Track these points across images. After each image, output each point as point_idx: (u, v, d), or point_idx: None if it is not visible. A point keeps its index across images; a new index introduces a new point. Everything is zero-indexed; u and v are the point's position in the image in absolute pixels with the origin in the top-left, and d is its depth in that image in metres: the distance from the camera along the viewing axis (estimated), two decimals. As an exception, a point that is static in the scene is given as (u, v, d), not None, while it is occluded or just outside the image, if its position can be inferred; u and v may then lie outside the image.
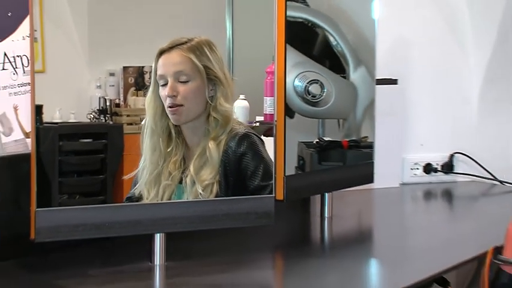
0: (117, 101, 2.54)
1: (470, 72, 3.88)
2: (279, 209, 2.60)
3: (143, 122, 2.49)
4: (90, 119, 2.51)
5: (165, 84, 2.45)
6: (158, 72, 2.46)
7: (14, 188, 2.34)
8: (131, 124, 2.53)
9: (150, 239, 2.39)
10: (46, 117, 2.35)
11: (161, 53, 2.46)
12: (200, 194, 2.49)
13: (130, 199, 2.48)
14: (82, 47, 2.54)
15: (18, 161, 2.34)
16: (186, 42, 2.47)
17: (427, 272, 2.45)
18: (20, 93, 2.47)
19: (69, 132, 2.46)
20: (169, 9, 2.60)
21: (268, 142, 2.65)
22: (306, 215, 3.15)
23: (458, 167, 3.89)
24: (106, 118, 2.53)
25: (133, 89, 2.54)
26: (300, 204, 3.12)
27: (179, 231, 2.44)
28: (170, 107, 2.46)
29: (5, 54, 2.44)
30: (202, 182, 2.49)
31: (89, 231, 2.31)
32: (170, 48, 2.46)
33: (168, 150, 2.51)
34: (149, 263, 2.39)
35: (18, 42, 2.45)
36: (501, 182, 3.80)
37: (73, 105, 2.48)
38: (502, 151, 3.83)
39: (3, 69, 2.45)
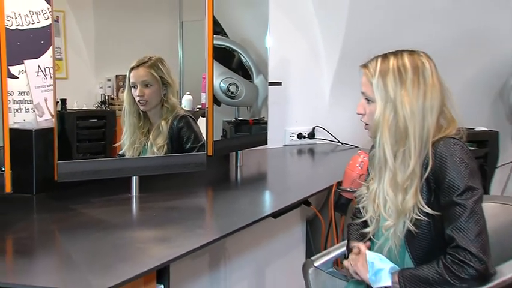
0: (112, 96, 2.52)
1: (323, 78, 3.87)
2: (209, 161, 2.63)
3: (123, 109, 2.50)
4: (95, 107, 2.51)
5: (135, 87, 2.47)
6: (131, 80, 2.47)
7: (45, 149, 2.34)
8: (120, 110, 2.51)
9: (129, 179, 2.42)
10: (68, 106, 2.38)
11: (132, 69, 2.47)
12: (155, 152, 2.52)
13: (120, 155, 2.50)
14: (90, 63, 2.51)
15: (47, 132, 2.34)
16: (147, 61, 2.48)
17: (298, 197, 2.51)
18: (48, 90, 2.46)
19: (82, 115, 2.47)
20: (143, 38, 2.61)
21: (203, 121, 2.70)
22: (226, 164, 3.15)
23: (318, 135, 3.88)
24: (105, 107, 2.52)
25: (122, 89, 2.51)
26: (223, 158, 3.11)
27: (146, 174, 2.46)
28: (139, 101, 2.48)
29: (39, 66, 2.44)
30: (157, 145, 2.52)
31: (92, 174, 2.34)
32: (138, 65, 2.47)
33: (139, 125, 2.52)
34: (128, 194, 2.42)
35: (47, 59, 2.44)
36: (342, 143, 3.82)
37: (84, 99, 2.47)
38: (343, 126, 3.78)
39: (38, 75, 2.45)
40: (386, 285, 1.76)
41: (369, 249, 1.91)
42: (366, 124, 1.87)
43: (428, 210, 1.72)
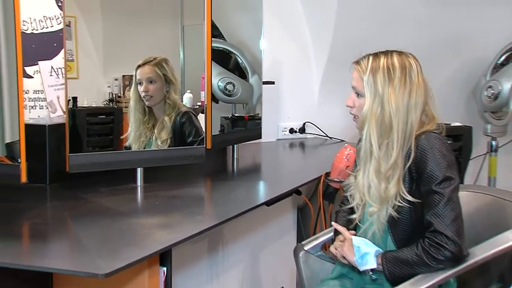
0: (119, 94, 2.51)
1: (313, 77, 3.88)
2: (208, 154, 2.63)
3: (129, 105, 2.49)
4: (104, 104, 2.49)
5: (141, 84, 2.47)
6: (138, 77, 2.47)
7: (58, 142, 2.34)
8: (126, 108, 2.50)
9: (134, 170, 2.42)
10: (79, 104, 2.39)
11: (138, 66, 2.46)
12: (159, 145, 2.51)
13: (126, 148, 2.49)
14: (98, 64, 2.49)
15: (59, 127, 2.34)
16: (153, 60, 2.48)
17: (289, 187, 2.52)
18: (60, 89, 2.45)
19: (92, 112, 2.46)
20: (147, 41, 2.60)
21: (202, 117, 2.70)
22: (224, 157, 3.14)
23: (308, 130, 3.89)
24: (113, 104, 2.51)
25: (128, 87, 2.50)
26: (220, 151, 3.11)
27: (150, 166, 2.46)
28: (144, 97, 2.48)
29: (52, 67, 2.43)
30: (161, 138, 2.51)
31: (101, 166, 2.35)
32: (144, 64, 2.47)
33: (144, 120, 2.51)
34: (134, 184, 2.42)
35: (59, 60, 2.44)
36: (330, 137, 3.82)
37: (94, 97, 2.46)
38: (331, 121, 3.79)
39: (51, 75, 2.44)
40: (371, 267, 1.77)
41: (355, 234, 1.93)
42: (355, 116, 1.88)
43: (410, 198, 1.74)
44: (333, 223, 2.02)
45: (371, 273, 1.79)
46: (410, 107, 1.76)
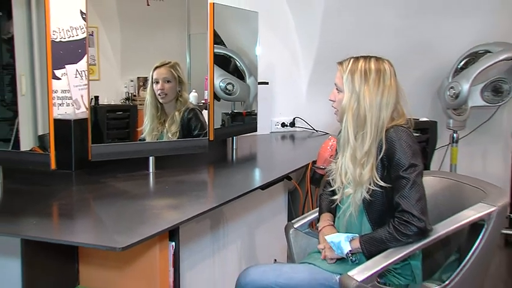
0: (134, 94, 2.49)
1: (301, 79, 3.85)
2: (211, 145, 2.63)
3: (145, 102, 2.48)
4: (121, 102, 2.47)
5: (157, 83, 2.46)
6: (155, 77, 2.46)
7: (81, 135, 2.34)
8: (141, 105, 2.49)
9: (147, 159, 2.42)
10: (100, 102, 2.38)
11: (156, 68, 2.46)
12: (170, 137, 2.51)
13: (141, 140, 2.48)
14: (117, 67, 2.47)
15: (82, 121, 2.34)
16: (168, 63, 2.48)
17: (281, 173, 2.51)
18: (83, 89, 2.46)
19: (111, 109, 2.44)
20: (158, 47, 2.59)
21: (205, 113, 2.71)
22: (224, 148, 3.11)
23: (297, 124, 3.85)
24: (129, 102, 2.49)
25: (142, 87, 2.49)
26: (221, 142, 3.09)
27: (160, 155, 2.46)
28: (159, 94, 2.47)
29: (77, 70, 2.45)
30: (171, 131, 2.51)
31: (118, 155, 2.35)
32: (161, 65, 2.47)
33: (157, 115, 2.50)
34: (146, 171, 2.42)
35: (83, 64, 2.45)
36: (316, 130, 3.78)
37: (113, 96, 2.44)
38: (317, 117, 3.75)
39: (76, 77, 2.46)
40: (348, 249, 1.79)
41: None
42: (336, 110, 1.88)
43: (382, 183, 1.76)
44: (319, 208, 2.04)
45: (351, 257, 1.80)
46: (382, 105, 1.77)
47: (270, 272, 1.84)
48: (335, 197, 1.92)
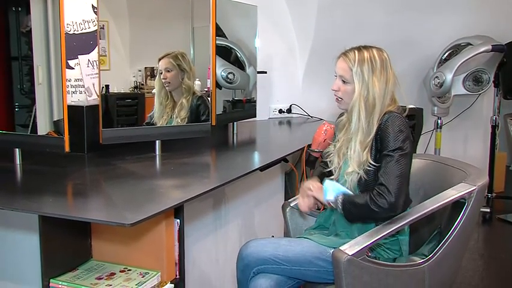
0: (142, 83, 2.48)
1: (297, 69, 3.84)
2: (213, 129, 2.62)
3: (154, 90, 2.48)
4: (130, 91, 2.46)
5: (161, 73, 2.45)
6: (159, 68, 2.45)
7: (93, 120, 2.31)
8: (148, 93, 2.48)
9: (154, 142, 2.40)
10: (110, 90, 2.37)
11: (160, 59, 2.44)
12: (178, 122, 2.50)
13: (148, 124, 2.48)
14: (126, 58, 2.47)
15: (94, 108, 2.31)
16: (170, 54, 2.46)
17: (278, 155, 2.50)
18: (95, 77, 2.45)
19: (121, 97, 2.43)
20: (164, 39, 2.57)
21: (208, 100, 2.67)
22: (226, 132, 3.08)
23: (293, 110, 3.83)
24: (137, 90, 2.48)
25: (149, 77, 2.48)
26: (223, 127, 3.08)
27: (166, 139, 2.44)
28: (164, 83, 2.46)
29: (89, 60, 2.44)
30: (181, 117, 2.50)
31: (127, 139, 2.35)
32: (163, 57, 2.45)
33: (166, 103, 2.50)
34: (153, 153, 2.40)
35: (94, 55, 2.43)
36: (311, 116, 3.77)
37: (122, 84, 2.44)
38: (312, 104, 3.75)
39: (88, 67, 2.44)
40: (330, 199, 1.79)
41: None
42: (338, 98, 1.86)
43: (374, 163, 1.76)
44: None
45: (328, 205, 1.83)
46: (386, 92, 1.78)
47: (269, 244, 1.84)
48: (332, 177, 1.91)
